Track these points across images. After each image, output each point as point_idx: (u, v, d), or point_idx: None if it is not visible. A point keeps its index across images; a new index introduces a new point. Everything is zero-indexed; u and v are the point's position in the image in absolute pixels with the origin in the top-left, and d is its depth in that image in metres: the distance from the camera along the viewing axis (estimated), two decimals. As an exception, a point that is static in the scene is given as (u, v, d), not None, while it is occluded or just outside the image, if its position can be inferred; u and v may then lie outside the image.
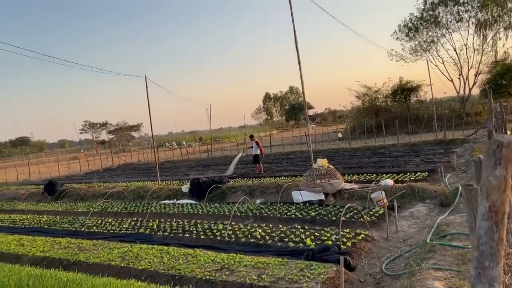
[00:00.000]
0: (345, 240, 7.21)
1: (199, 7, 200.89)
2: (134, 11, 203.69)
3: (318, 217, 9.31)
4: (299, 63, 11.16)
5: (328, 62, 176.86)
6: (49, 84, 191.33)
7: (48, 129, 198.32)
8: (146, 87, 16.81)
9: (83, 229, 10.60)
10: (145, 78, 16.87)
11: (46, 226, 11.52)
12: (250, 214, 10.24)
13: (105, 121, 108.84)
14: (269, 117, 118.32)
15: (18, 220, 13.04)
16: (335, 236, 7.52)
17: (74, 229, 10.77)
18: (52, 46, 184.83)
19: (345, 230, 7.77)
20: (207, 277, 5.75)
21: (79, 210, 13.94)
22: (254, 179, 15.27)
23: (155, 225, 10.20)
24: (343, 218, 8.28)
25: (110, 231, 10.11)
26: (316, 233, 7.89)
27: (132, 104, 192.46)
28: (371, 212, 9.17)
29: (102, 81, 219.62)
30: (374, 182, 11.35)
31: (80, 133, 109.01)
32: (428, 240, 6.36)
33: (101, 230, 10.29)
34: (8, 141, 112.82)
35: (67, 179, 26.10)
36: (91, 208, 13.34)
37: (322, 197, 10.82)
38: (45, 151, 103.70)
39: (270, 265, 6.01)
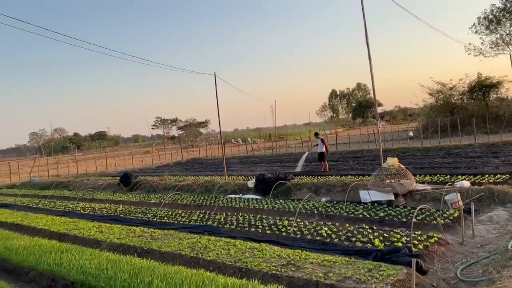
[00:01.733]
0: (416, 242, 6.90)
1: (267, 5, 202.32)
2: (205, 10, 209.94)
3: (387, 218, 9.00)
4: (369, 58, 10.84)
5: (398, 57, 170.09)
6: (125, 81, 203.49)
7: (123, 124, 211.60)
8: (215, 84, 17.29)
9: (155, 219, 11.16)
10: (215, 75, 17.35)
11: (122, 215, 12.28)
12: (316, 212, 10.15)
13: (175, 118, 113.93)
14: (334, 115, 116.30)
15: (97, 209, 14.04)
16: (405, 238, 7.22)
17: (147, 219, 11.37)
18: (127, 45, 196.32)
19: (416, 232, 7.44)
20: (273, 271, 5.79)
21: (152, 201, 14.69)
22: (319, 177, 15.12)
23: (222, 218, 10.47)
24: (415, 219, 7.93)
25: (180, 222, 10.54)
26: (385, 234, 7.63)
27: (200, 101, 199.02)
28: (445, 215, 8.69)
29: (173, 79, 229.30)
30: (448, 184, 10.73)
31: (152, 128, 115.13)
32: (509, 247, 5.90)
33: (172, 221, 10.76)
34: (87, 135, 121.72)
35: (140, 172, 27.62)
36: (162, 200, 14.00)
37: (392, 197, 10.43)
38: (120, 145, 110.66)
39: (337, 263, 5.92)
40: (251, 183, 14.62)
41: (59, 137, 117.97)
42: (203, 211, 11.84)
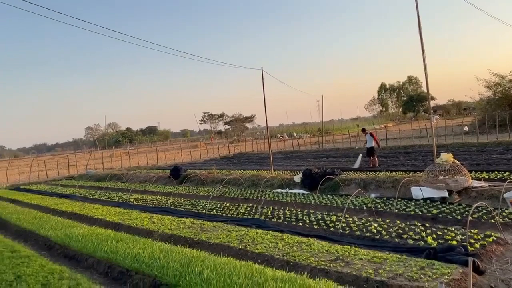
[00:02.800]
0: (472, 241, 6.60)
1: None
2: (252, 5, 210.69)
3: (440, 215, 8.67)
4: (422, 50, 10.45)
5: (453, 48, 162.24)
6: (174, 77, 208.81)
7: (173, 119, 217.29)
8: (262, 79, 17.34)
9: (204, 211, 11.43)
10: (262, 70, 17.40)
11: (172, 207, 12.67)
12: (365, 208, 9.96)
13: (222, 113, 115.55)
14: (384, 109, 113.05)
15: (149, 200, 14.58)
16: (460, 236, 6.93)
17: (196, 211, 11.66)
18: (175, 41, 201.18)
19: (472, 230, 7.12)
20: (321, 266, 5.77)
21: (200, 193, 15.04)
22: (368, 173, 14.81)
23: (269, 212, 10.53)
24: (470, 217, 7.58)
25: (228, 214, 10.73)
26: (438, 232, 7.36)
27: (247, 96, 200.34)
28: (504, 213, 8.24)
29: (221, 74, 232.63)
30: (508, 181, 10.15)
31: (200, 123, 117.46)
32: None
33: (220, 213, 10.97)
34: (139, 129, 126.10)
35: (189, 165, 28.31)
36: (210, 193, 14.30)
37: (446, 194, 10.03)
38: (170, 140, 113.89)
39: (387, 260, 5.79)
40: (297, 178, 14.58)
41: (112, 131, 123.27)
42: (250, 204, 11.96)
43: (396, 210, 9.43)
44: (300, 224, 8.99)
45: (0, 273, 6.67)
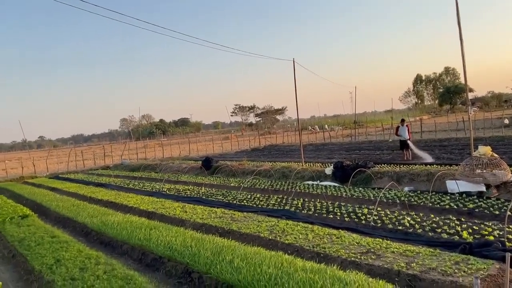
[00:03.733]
0: (510, 237, 6.37)
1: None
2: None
3: (477, 210, 8.39)
4: (461, 40, 10.07)
5: (492, 38, 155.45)
6: (206, 70, 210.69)
7: (204, 111, 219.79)
8: (294, 70, 17.21)
9: (234, 202, 11.54)
10: (293, 61, 17.27)
11: (204, 197, 12.87)
12: (398, 201, 9.77)
13: (253, 105, 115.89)
14: (419, 101, 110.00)
15: (181, 190, 14.86)
16: (498, 231, 6.70)
17: (227, 201, 11.79)
18: (208, 32, 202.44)
19: (511, 226, 6.86)
20: (352, 258, 5.72)
21: (231, 184, 15.18)
22: (401, 166, 14.50)
23: (299, 203, 10.51)
24: (509, 212, 7.29)
25: (259, 205, 10.78)
26: (474, 227, 7.14)
27: (278, 88, 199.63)
28: (546, 210, 7.88)
29: (252, 66, 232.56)
30: (551, 176, 9.70)
31: (231, 115, 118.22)
32: None
33: (250, 204, 11.05)
34: (172, 121, 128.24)
35: (220, 157, 28.59)
36: (241, 184, 14.41)
37: (483, 188, 9.69)
38: (202, 131, 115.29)
39: (420, 254, 5.67)
40: (328, 170, 14.46)
41: (146, 123, 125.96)
42: (281, 196, 11.98)
43: (430, 204, 9.20)
44: (331, 216, 8.92)
45: (42, 257, 7.00)
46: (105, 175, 23.85)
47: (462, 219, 7.78)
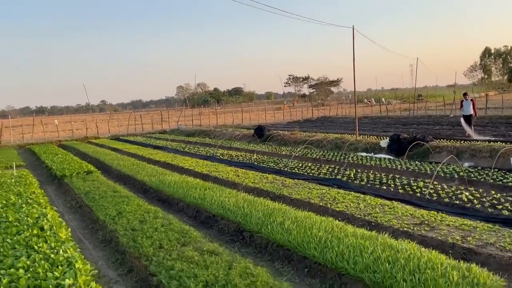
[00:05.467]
0: None
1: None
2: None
3: (544, 189, 7.89)
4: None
5: None
6: (260, 38, 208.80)
7: (257, 81, 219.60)
8: (353, 38, 16.61)
9: (285, 169, 11.62)
10: (353, 29, 16.65)
11: (256, 163, 13.06)
12: (456, 176, 9.37)
13: (307, 75, 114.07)
14: (486, 76, 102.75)
15: (234, 156, 15.17)
16: None
17: (278, 168, 11.90)
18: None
19: None
20: (404, 229, 5.64)
21: (283, 153, 15.26)
22: (462, 141, 13.81)
23: (352, 174, 10.40)
24: None
25: (310, 174, 10.80)
26: (539, 206, 6.75)
27: (334, 59, 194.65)
28: None
29: (307, 35, 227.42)
30: None
31: (284, 86, 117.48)
32: None
33: (301, 172, 11.08)
34: (226, 90, 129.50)
35: (272, 126, 28.66)
36: (293, 153, 14.44)
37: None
38: (254, 101, 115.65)
39: (477, 229, 5.48)
40: (384, 143, 14.09)
41: (201, 91, 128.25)
42: (332, 166, 11.90)
43: (492, 180, 8.75)
44: (384, 187, 8.76)
45: (105, 208, 7.53)
46: (162, 139, 24.79)
47: (527, 197, 7.36)
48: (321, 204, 7.27)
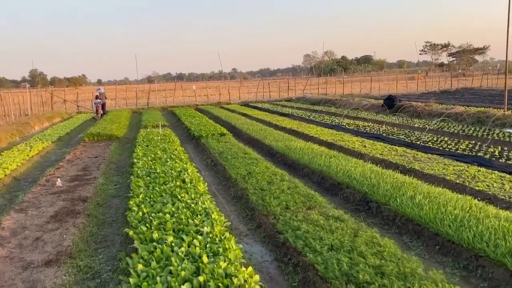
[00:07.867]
0: None
1: None
2: None
3: None
4: None
5: None
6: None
7: (389, 49, 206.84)
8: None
9: (418, 142, 10.90)
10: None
11: (384, 134, 12.50)
12: None
13: (447, 42, 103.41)
14: None
15: (360, 126, 14.73)
16: None
17: (409, 141, 11.21)
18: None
19: None
20: (562, 217, 4.89)
21: (415, 125, 14.29)
22: None
23: (496, 152, 9.30)
24: None
25: (446, 149, 9.95)
26: None
27: (479, 22, 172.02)
28: None
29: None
30: None
31: (420, 54, 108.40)
32: None
33: (436, 147, 10.27)
34: (354, 58, 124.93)
35: (403, 97, 26.90)
36: (426, 126, 13.43)
37: None
38: (385, 70, 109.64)
39: None
40: (539, 119, 12.21)
41: (328, 59, 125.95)
42: (473, 141, 10.77)
43: None
44: (537, 169, 7.66)
45: (236, 168, 8.05)
46: (287, 107, 25.23)
47: None
48: (457, 181, 6.70)
